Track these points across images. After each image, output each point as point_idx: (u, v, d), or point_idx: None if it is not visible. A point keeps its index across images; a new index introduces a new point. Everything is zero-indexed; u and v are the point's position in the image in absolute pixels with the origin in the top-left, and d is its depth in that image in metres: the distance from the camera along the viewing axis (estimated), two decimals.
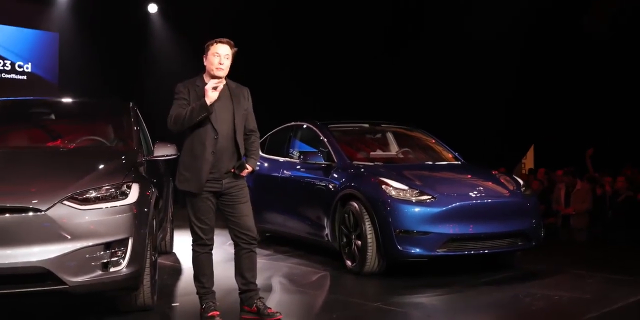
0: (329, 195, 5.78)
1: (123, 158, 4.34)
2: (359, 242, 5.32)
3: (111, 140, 5.03)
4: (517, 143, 12.55)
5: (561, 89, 11.40)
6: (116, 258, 3.65)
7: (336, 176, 5.84)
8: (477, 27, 10.79)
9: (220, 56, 3.88)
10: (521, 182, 5.86)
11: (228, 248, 5.73)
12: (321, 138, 6.36)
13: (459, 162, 6.39)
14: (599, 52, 10.74)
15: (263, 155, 6.95)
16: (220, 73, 3.90)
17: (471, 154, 7.07)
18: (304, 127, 6.82)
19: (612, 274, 5.48)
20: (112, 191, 3.79)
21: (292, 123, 7.04)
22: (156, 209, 4.36)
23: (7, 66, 11.01)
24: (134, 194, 3.85)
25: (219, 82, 3.83)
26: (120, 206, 3.74)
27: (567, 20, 10.90)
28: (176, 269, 5.72)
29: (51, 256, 3.47)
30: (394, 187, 5.27)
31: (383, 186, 5.30)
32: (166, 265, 5.81)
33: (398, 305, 4.45)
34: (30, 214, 3.52)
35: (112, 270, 3.63)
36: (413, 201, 5.17)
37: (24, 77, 11.18)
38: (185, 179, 3.91)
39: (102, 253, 3.60)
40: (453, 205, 5.18)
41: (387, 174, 5.53)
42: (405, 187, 5.28)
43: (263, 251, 6.34)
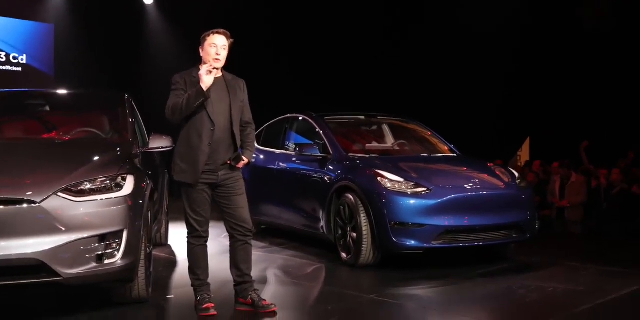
0: (325, 187, 5.78)
1: (118, 150, 4.33)
2: (354, 234, 5.33)
3: (106, 132, 5.02)
4: (513, 135, 12.56)
5: (557, 82, 11.40)
6: (111, 250, 3.65)
7: (332, 168, 5.84)
8: (474, 20, 10.78)
9: (217, 47, 3.87)
10: (516, 175, 5.87)
11: (223, 240, 5.73)
12: (317, 130, 6.36)
13: (455, 155, 6.39)
14: (595, 45, 10.74)
15: (259, 147, 6.95)
16: (216, 64, 3.89)
17: (467, 147, 7.07)
18: (300, 119, 6.81)
19: (606, 266, 5.50)
20: (107, 183, 3.78)
21: (288, 115, 7.03)
22: (151, 201, 4.36)
23: (2, 58, 10.95)
24: (129, 186, 3.84)
25: (212, 67, 3.80)
26: (115, 198, 3.74)
27: (563, 13, 10.89)
28: (171, 261, 5.73)
29: (45, 248, 3.47)
30: (390, 179, 5.28)
31: (378, 178, 5.30)
32: (161, 257, 5.81)
33: (393, 297, 4.46)
34: (24, 206, 3.52)
35: (107, 262, 3.63)
36: (408, 193, 5.18)
37: (19, 69, 11.11)
38: (181, 170, 3.91)
39: (97, 245, 3.60)
40: (448, 197, 5.19)
41: (383, 166, 5.54)
42: (400, 179, 5.28)
43: (258, 243, 6.35)
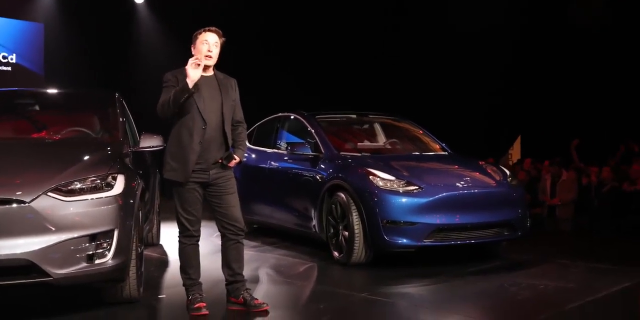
0: (317, 186, 5.78)
1: (108, 149, 4.31)
2: (346, 233, 5.34)
3: (97, 131, 4.99)
4: (504, 134, 12.60)
5: (548, 81, 11.45)
6: (101, 250, 3.63)
7: (323, 167, 5.84)
8: (464, 18, 10.79)
9: (209, 44, 3.87)
10: (508, 173, 5.88)
11: (215, 240, 5.72)
12: (308, 129, 6.35)
13: (446, 153, 6.41)
14: (586, 44, 10.79)
15: (250, 146, 6.93)
16: (209, 61, 3.88)
17: (459, 145, 7.09)
18: (292, 118, 6.80)
19: (597, 264, 5.54)
20: (98, 182, 3.76)
21: (280, 114, 7.02)
22: (142, 201, 4.34)
23: None
24: (120, 185, 3.82)
25: (198, 60, 3.77)
26: (105, 197, 3.72)
27: (554, 11, 10.93)
28: (163, 261, 5.71)
29: (35, 248, 3.45)
30: (381, 178, 5.28)
31: (370, 177, 5.31)
32: (153, 257, 5.79)
33: (385, 295, 4.47)
34: (14, 206, 3.49)
35: (98, 262, 3.61)
36: (400, 192, 5.19)
37: (9, 68, 11.04)
38: (171, 169, 3.89)
39: (87, 245, 3.58)
40: (440, 195, 5.20)
41: (375, 165, 5.54)
42: (392, 178, 5.29)
43: (250, 243, 6.34)
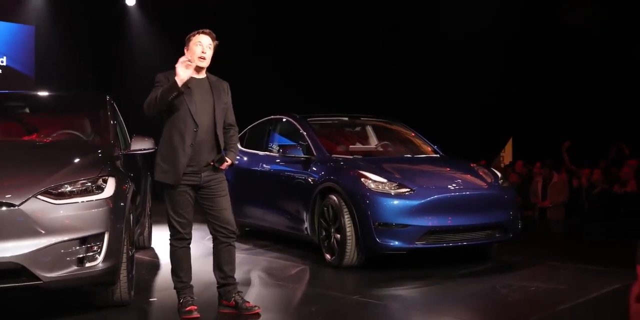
0: (308, 188, 5.78)
1: (99, 152, 4.29)
2: (338, 236, 5.33)
3: (87, 134, 4.98)
4: (496, 136, 12.65)
5: (539, 83, 11.50)
6: (92, 253, 3.61)
7: (315, 169, 5.84)
8: (456, 21, 10.83)
9: (202, 46, 3.87)
10: (499, 175, 5.91)
11: (207, 242, 5.70)
12: (300, 131, 6.35)
13: (438, 155, 6.42)
14: (577, 46, 10.85)
15: (242, 149, 6.93)
16: (202, 63, 3.88)
17: (451, 147, 7.11)
18: (283, 121, 6.80)
19: (587, 265, 5.56)
20: (88, 185, 3.75)
21: (271, 116, 7.02)
22: (133, 204, 4.32)
23: None
24: (110, 188, 3.81)
25: (188, 59, 3.76)
26: (96, 200, 3.70)
27: (545, 13, 10.99)
28: (154, 264, 5.69)
29: (25, 251, 3.43)
30: (373, 180, 5.28)
31: (362, 179, 5.31)
32: (144, 260, 5.77)
33: (377, 297, 4.47)
34: (3, 209, 3.47)
35: (88, 265, 3.59)
36: (392, 194, 5.19)
37: (0, 71, 11.00)
38: (162, 170, 3.88)
39: (78, 248, 3.56)
40: (431, 197, 5.21)
41: (366, 167, 5.54)
42: (384, 180, 5.29)
43: (242, 245, 6.33)
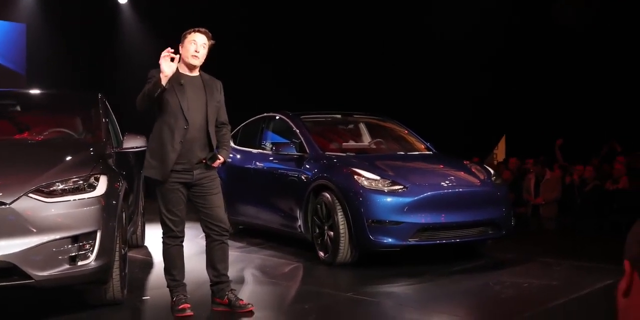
0: (302, 186, 5.77)
1: (91, 150, 4.27)
2: (332, 233, 5.33)
3: (79, 132, 4.96)
4: (489, 133, 12.67)
5: (532, 81, 11.52)
6: (84, 251, 3.59)
7: (308, 167, 5.83)
8: (449, 19, 10.84)
9: (196, 44, 3.86)
10: (492, 172, 5.92)
11: (200, 241, 5.67)
12: (293, 129, 6.34)
13: (431, 153, 6.42)
14: (569, 44, 10.88)
15: (235, 146, 6.91)
16: (195, 61, 3.87)
17: (444, 145, 7.12)
18: (277, 118, 6.79)
19: (580, 262, 5.59)
20: (80, 183, 3.72)
21: (265, 114, 7.01)
22: (126, 202, 4.30)
23: None
24: (102, 186, 3.79)
25: (172, 51, 3.73)
26: (87, 198, 3.68)
27: (537, 10, 11.01)
28: (147, 263, 5.67)
29: (16, 250, 3.40)
30: (366, 177, 5.28)
31: (355, 176, 5.31)
32: (137, 258, 5.75)
33: (370, 294, 4.47)
34: None
35: (80, 263, 3.57)
36: (385, 191, 5.19)
37: None
38: (150, 166, 3.88)
39: (70, 246, 3.54)
40: (425, 194, 5.21)
41: (360, 165, 5.54)
42: (377, 177, 5.29)
43: (236, 243, 6.32)
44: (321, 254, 5.48)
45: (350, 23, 11.76)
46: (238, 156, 6.90)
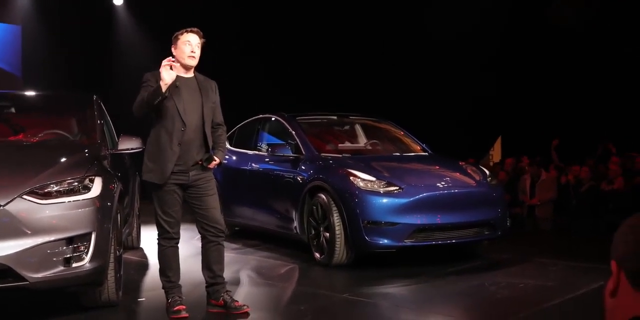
0: (297, 187, 5.77)
1: (86, 151, 4.26)
2: (328, 234, 5.33)
3: (74, 133, 4.95)
4: (485, 134, 12.70)
5: (528, 82, 11.55)
6: (79, 253, 3.58)
7: (304, 168, 5.83)
8: (445, 20, 10.86)
9: (192, 45, 3.87)
10: (487, 173, 5.92)
11: (196, 242, 5.68)
12: (289, 130, 6.34)
13: (427, 154, 6.43)
14: (564, 44, 10.91)
15: (231, 148, 6.91)
16: (192, 62, 3.88)
17: (440, 146, 7.12)
18: (272, 120, 6.79)
19: (576, 262, 5.59)
20: (75, 185, 3.72)
21: (260, 116, 7.01)
22: (121, 203, 4.30)
23: None
24: (97, 188, 3.78)
25: (170, 60, 3.75)
26: (82, 200, 3.68)
27: (532, 11, 11.04)
28: (143, 265, 5.66)
29: (10, 252, 3.39)
30: (362, 179, 5.29)
31: (351, 178, 5.31)
32: (132, 260, 5.74)
33: (366, 296, 4.47)
34: None
35: (75, 265, 3.56)
36: (381, 192, 5.20)
37: None
38: (149, 170, 3.87)
39: (64, 248, 3.53)
40: (420, 195, 5.21)
41: (355, 166, 5.54)
42: (372, 179, 5.29)
43: (232, 245, 6.31)
44: (317, 255, 5.48)
45: (346, 24, 11.77)
46: (234, 157, 6.89)
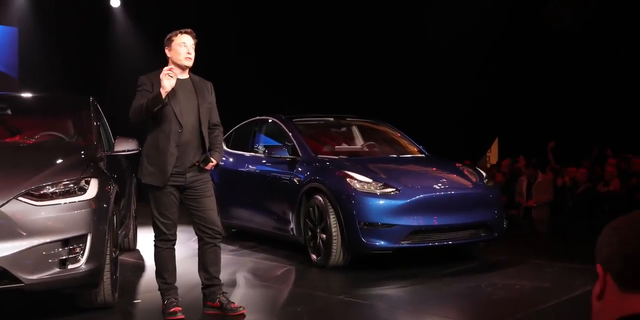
0: (294, 189, 5.77)
1: (82, 153, 4.26)
2: (324, 236, 5.33)
3: (70, 135, 4.95)
4: (482, 136, 12.71)
5: (525, 84, 11.57)
6: (74, 255, 3.58)
7: (301, 170, 5.83)
8: (442, 22, 10.87)
9: (187, 46, 3.87)
10: (484, 174, 5.93)
11: (192, 244, 5.66)
12: (286, 132, 6.34)
13: (424, 155, 6.44)
14: (561, 46, 10.93)
15: (228, 150, 6.91)
16: (188, 63, 3.90)
17: (437, 148, 7.13)
18: (269, 122, 6.79)
19: (572, 264, 5.60)
20: (71, 186, 3.71)
21: (257, 117, 7.01)
22: (117, 205, 4.29)
23: None
24: (93, 190, 3.78)
25: (171, 69, 3.76)
26: (78, 202, 3.67)
27: (530, 13, 11.06)
28: (139, 266, 5.65)
29: (6, 254, 3.39)
30: (358, 180, 5.29)
31: (347, 179, 5.31)
32: (129, 262, 5.73)
33: (363, 297, 4.47)
34: None
35: (71, 267, 3.56)
36: (377, 194, 5.20)
37: None
38: (149, 173, 3.87)
39: (60, 250, 3.53)
40: (417, 197, 5.22)
41: (352, 167, 5.55)
42: (369, 180, 5.30)
43: (228, 246, 6.31)
44: (314, 257, 5.48)
45: (344, 24, 11.77)
46: (231, 159, 6.89)
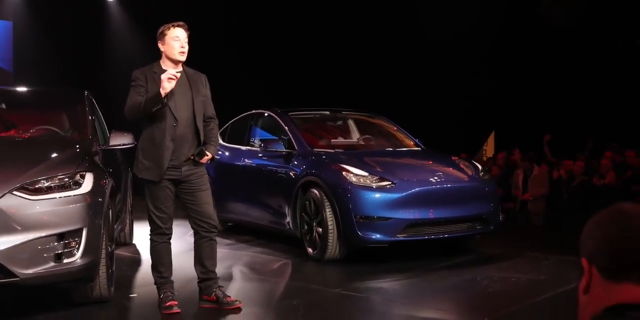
0: (290, 182, 5.77)
1: (77, 147, 4.25)
2: (320, 229, 5.33)
3: (65, 129, 4.93)
4: (478, 130, 12.72)
5: (521, 77, 11.56)
6: (70, 249, 3.57)
7: (297, 163, 5.83)
8: (439, 17, 10.85)
9: (180, 40, 3.85)
10: (480, 167, 5.94)
11: (188, 238, 5.67)
12: (282, 126, 6.33)
13: (420, 149, 6.44)
14: (557, 41, 10.93)
15: (224, 144, 6.89)
16: (182, 57, 3.88)
17: (433, 141, 7.13)
18: (265, 115, 6.78)
19: (567, 256, 5.60)
20: (65, 181, 3.70)
21: (253, 111, 6.99)
22: (112, 199, 4.28)
23: None
24: (88, 184, 3.77)
25: (177, 72, 3.75)
26: (73, 196, 3.66)
27: (525, 9, 11.04)
28: (135, 260, 5.64)
29: (1, 248, 3.38)
30: (354, 174, 5.29)
31: (343, 173, 5.31)
32: (125, 256, 5.72)
33: (359, 290, 4.48)
34: None
35: (66, 261, 3.55)
36: (373, 187, 5.20)
37: None
38: (145, 167, 3.85)
39: (55, 244, 3.52)
40: (413, 190, 5.22)
41: (348, 161, 5.55)
42: (365, 173, 5.30)
43: (224, 240, 6.30)
44: (310, 250, 5.48)
45: (342, 20, 11.74)
46: (226, 153, 6.88)
